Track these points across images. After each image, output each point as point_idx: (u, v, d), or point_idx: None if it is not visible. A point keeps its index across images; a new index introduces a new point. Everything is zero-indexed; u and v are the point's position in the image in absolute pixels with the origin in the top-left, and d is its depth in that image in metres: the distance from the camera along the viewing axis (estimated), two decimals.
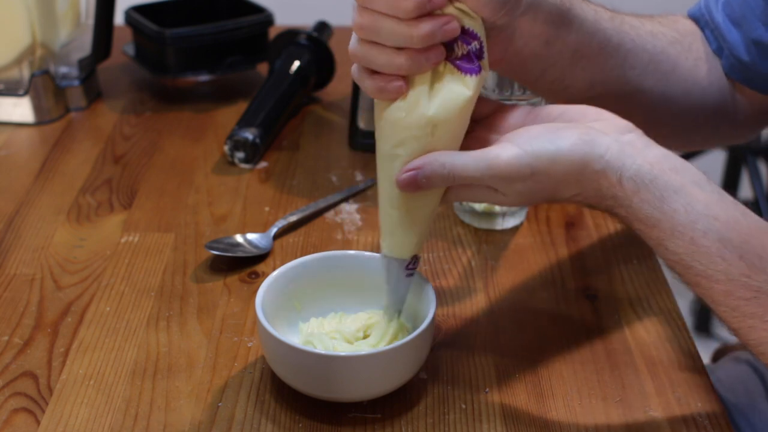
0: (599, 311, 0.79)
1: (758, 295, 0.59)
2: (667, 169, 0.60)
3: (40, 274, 0.83)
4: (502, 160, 0.59)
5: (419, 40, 0.58)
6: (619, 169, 0.59)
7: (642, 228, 0.61)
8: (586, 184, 0.60)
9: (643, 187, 0.59)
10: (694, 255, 0.59)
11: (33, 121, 1.10)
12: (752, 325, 0.60)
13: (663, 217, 0.59)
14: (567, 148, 0.59)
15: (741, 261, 0.59)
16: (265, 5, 1.20)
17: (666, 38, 0.76)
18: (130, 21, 1.16)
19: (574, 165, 0.59)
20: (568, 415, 0.68)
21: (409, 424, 0.67)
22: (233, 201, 0.94)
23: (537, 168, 0.59)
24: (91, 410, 0.68)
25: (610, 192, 0.60)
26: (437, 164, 0.60)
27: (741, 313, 0.60)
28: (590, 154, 0.59)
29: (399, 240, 0.65)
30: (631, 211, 0.60)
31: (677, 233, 0.59)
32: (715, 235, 0.59)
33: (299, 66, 1.11)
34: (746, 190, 1.99)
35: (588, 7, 0.68)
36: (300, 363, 0.66)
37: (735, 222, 0.60)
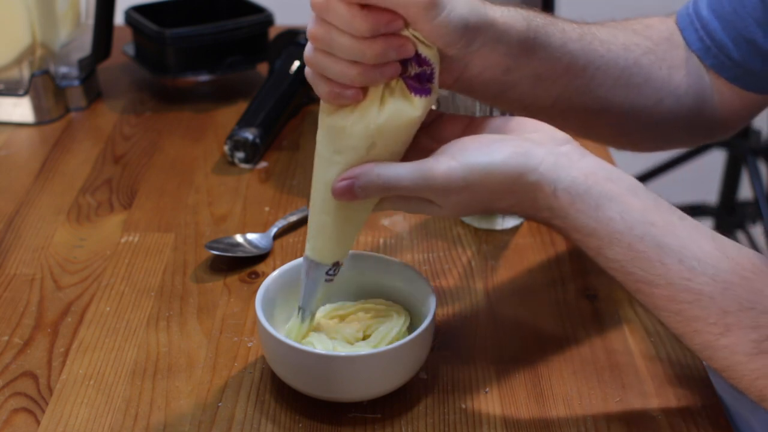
0: (599, 311, 0.79)
1: (700, 297, 0.59)
2: (601, 179, 0.60)
3: (40, 274, 0.83)
4: (436, 172, 0.59)
5: (372, 58, 0.58)
6: (554, 181, 0.60)
7: (580, 238, 0.61)
8: (521, 196, 0.61)
9: (577, 197, 0.60)
10: (633, 261, 0.60)
11: (33, 121, 1.10)
12: (696, 329, 0.60)
13: (599, 226, 0.60)
14: (501, 160, 0.59)
15: (680, 264, 0.59)
16: (265, 5, 1.20)
17: (639, 49, 0.75)
18: (130, 21, 1.16)
19: (508, 177, 0.60)
20: (568, 415, 0.68)
21: (409, 424, 0.67)
22: (233, 201, 0.94)
23: (471, 180, 0.59)
24: (91, 410, 0.68)
25: (545, 203, 0.60)
26: (373, 175, 0.60)
27: (684, 317, 0.60)
28: (525, 165, 0.60)
29: (325, 245, 0.65)
30: (567, 221, 0.61)
31: (615, 240, 0.60)
32: (652, 240, 0.59)
33: (299, 66, 1.11)
34: (746, 190, 1.99)
35: (555, 30, 0.67)
36: (300, 363, 0.66)
37: (672, 226, 0.60)
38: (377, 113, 0.60)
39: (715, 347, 0.60)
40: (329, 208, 0.63)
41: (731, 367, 0.60)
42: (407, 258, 0.86)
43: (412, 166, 0.60)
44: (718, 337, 0.59)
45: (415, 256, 0.86)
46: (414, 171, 0.60)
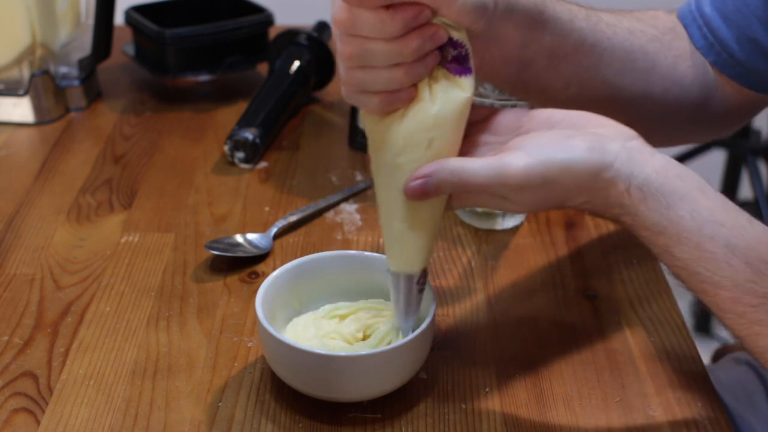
0: (599, 311, 0.79)
1: (765, 301, 0.58)
2: (672, 176, 0.60)
3: (40, 274, 0.83)
4: (513, 168, 0.58)
5: (411, 55, 0.58)
6: (628, 177, 0.59)
7: (648, 235, 0.61)
8: (594, 193, 0.60)
9: (649, 195, 0.59)
10: (699, 261, 0.59)
11: (33, 121, 1.10)
12: (759, 332, 0.59)
13: (669, 224, 0.59)
14: (579, 157, 0.59)
15: (747, 267, 0.59)
16: (265, 5, 1.20)
17: (645, 36, 0.75)
18: (130, 21, 1.16)
19: (585, 174, 0.59)
20: (568, 415, 0.68)
21: (409, 424, 0.67)
22: (233, 201, 0.94)
23: (549, 177, 0.59)
24: (91, 410, 0.68)
25: (617, 200, 0.60)
26: (446, 172, 0.59)
27: (747, 320, 0.59)
28: (601, 162, 0.59)
29: (408, 254, 0.64)
30: (637, 219, 0.60)
31: (683, 239, 0.59)
32: (721, 240, 0.59)
33: (299, 66, 1.11)
34: (746, 190, 1.99)
35: (562, 8, 0.68)
36: (300, 363, 0.66)
37: (741, 228, 0.59)
38: (431, 105, 0.60)
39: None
40: (404, 216, 0.62)
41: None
42: None
43: (487, 162, 0.59)
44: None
45: None
46: (489, 167, 0.59)
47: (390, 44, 0.58)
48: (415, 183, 0.60)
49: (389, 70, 0.59)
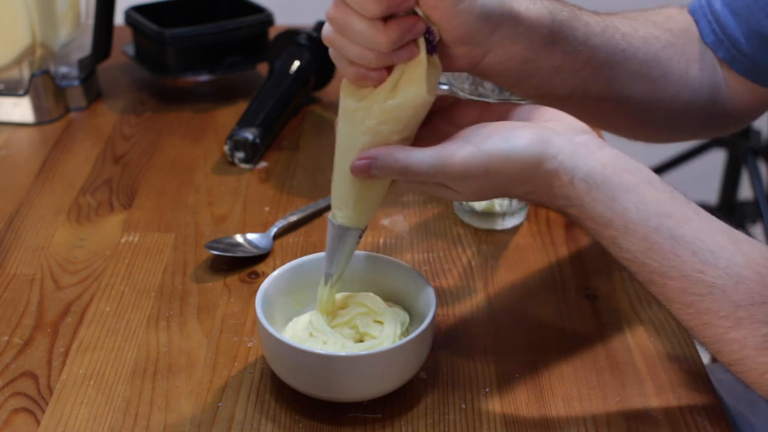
0: (599, 311, 0.79)
1: (713, 290, 0.59)
2: (619, 170, 0.60)
3: (40, 274, 0.83)
4: (455, 158, 0.59)
5: (387, 46, 0.58)
6: (572, 169, 0.60)
7: (595, 227, 0.61)
8: (538, 183, 0.61)
9: (594, 187, 0.60)
10: (647, 252, 0.60)
11: (33, 121, 1.10)
12: (707, 322, 0.60)
13: (615, 216, 0.60)
14: (521, 148, 0.59)
15: (694, 257, 0.59)
16: (265, 5, 1.20)
17: (659, 42, 0.75)
18: (130, 21, 1.16)
19: (527, 164, 0.60)
20: (568, 415, 0.68)
21: (409, 424, 0.67)
22: (233, 201, 0.94)
23: (490, 167, 0.60)
24: (91, 410, 0.68)
25: (562, 192, 0.61)
26: (391, 159, 0.60)
27: (696, 309, 0.60)
28: (544, 154, 0.60)
29: (355, 212, 0.66)
30: (583, 210, 0.61)
31: (630, 231, 0.60)
32: (667, 231, 0.59)
33: (299, 66, 1.11)
34: (746, 190, 1.99)
35: (579, 24, 0.67)
36: (300, 363, 0.66)
37: (687, 219, 0.60)
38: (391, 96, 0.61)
39: (725, 341, 0.60)
40: (356, 180, 0.64)
41: (740, 360, 0.60)
42: (407, 258, 0.86)
43: (432, 152, 0.60)
44: (728, 330, 0.59)
45: (415, 256, 0.86)
46: (433, 157, 0.60)
47: (369, 28, 0.58)
48: (360, 162, 0.61)
49: (362, 47, 0.59)
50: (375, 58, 0.59)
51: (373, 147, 0.62)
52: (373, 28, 0.58)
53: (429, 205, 0.94)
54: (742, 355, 0.60)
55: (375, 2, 0.56)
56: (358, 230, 0.67)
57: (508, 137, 0.60)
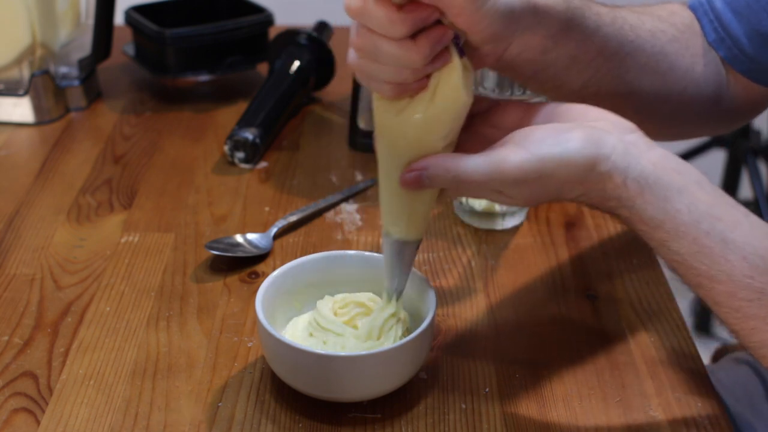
0: (599, 311, 0.79)
1: (761, 296, 0.59)
2: (670, 170, 0.60)
3: (40, 274, 0.83)
4: (509, 164, 0.58)
5: (421, 62, 0.57)
6: (625, 170, 0.59)
7: (645, 229, 0.61)
8: (590, 186, 0.60)
9: (647, 188, 0.59)
10: (697, 255, 0.59)
11: (33, 121, 1.10)
12: (754, 327, 0.59)
13: (666, 218, 0.59)
14: (574, 151, 0.59)
15: (744, 262, 0.59)
16: (265, 5, 1.20)
17: (665, 36, 0.75)
18: (130, 21, 1.16)
19: (581, 167, 0.59)
20: (568, 415, 0.68)
21: (409, 424, 0.67)
22: (233, 201, 0.94)
23: (545, 171, 0.59)
24: (91, 410, 0.68)
25: (614, 193, 0.60)
26: (442, 168, 0.60)
27: (743, 314, 0.59)
28: (597, 155, 0.59)
29: (411, 224, 0.65)
30: (634, 211, 0.60)
31: (680, 233, 0.59)
32: (718, 235, 0.59)
33: (299, 66, 1.11)
34: (746, 190, 1.99)
35: (590, 13, 0.68)
36: (300, 363, 0.66)
37: (738, 223, 0.60)
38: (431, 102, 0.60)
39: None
40: (405, 193, 0.63)
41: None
42: None
43: (483, 158, 0.59)
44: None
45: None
46: (485, 163, 0.59)
47: (399, 47, 0.57)
48: (409, 175, 0.61)
49: (397, 68, 0.58)
50: (411, 74, 0.58)
51: (419, 157, 0.61)
52: (404, 48, 0.57)
53: None
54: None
55: (401, 24, 0.56)
56: (415, 242, 0.67)
57: (560, 140, 0.59)
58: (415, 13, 0.56)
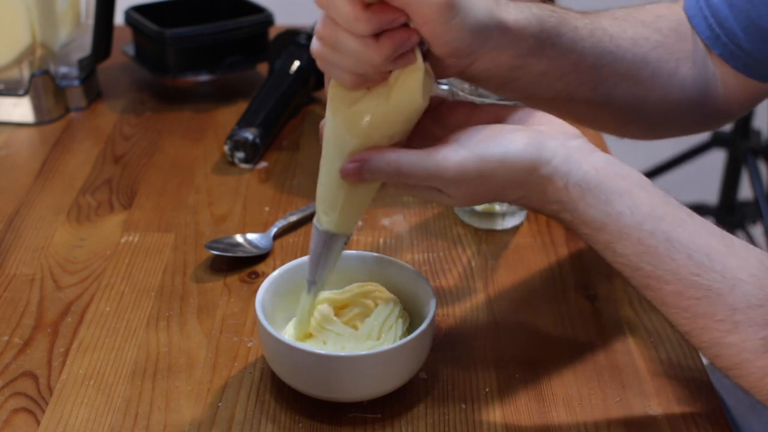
0: (599, 311, 0.79)
1: (709, 294, 0.59)
2: (612, 174, 0.60)
3: (40, 274, 0.83)
4: (449, 162, 0.59)
5: (381, 62, 0.57)
6: (566, 174, 0.59)
7: (588, 232, 0.61)
8: (531, 188, 0.60)
9: (588, 191, 0.59)
10: (642, 256, 0.60)
11: (33, 121, 1.10)
12: (704, 326, 0.59)
13: (609, 220, 0.60)
14: (516, 152, 0.59)
15: (689, 260, 0.59)
16: (265, 5, 1.20)
17: (648, 43, 0.75)
18: (130, 21, 1.16)
19: (521, 169, 0.59)
20: (568, 415, 0.68)
21: (409, 424, 0.67)
22: (233, 201, 0.94)
23: (484, 171, 0.59)
24: (91, 410, 0.68)
25: (555, 196, 0.60)
26: (383, 161, 0.60)
27: (692, 313, 0.59)
28: (538, 158, 0.59)
29: (343, 218, 0.65)
30: (576, 215, 0.60)
31: (624, 235, 0.59)
32: (662, 235, 0.59)
33: (299, 66, 1.11)
34: (746, 190, 1.99)
35: (567, 29, 0.66)
36: (300, 363, 0.66)
37: (681, 222, 0.60)
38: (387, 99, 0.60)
39: (722, 345, 0.59)
40: (344, 184, 0.63)
41: (738, 365, 0.60)
42: (407, 258, 0.86)
43: (425, 155, 0.59)
44: (726, 334, 0.59)
45: (415, 256, 0.86)
46: (427, 160, 0.59)
47: (360, 44, 0.56)
48: (351, 165, 0.60)
49: (357, 62, 0.58)
50: (371, 69, 0.58)
51: (363, 150, 0.61)
52: (365, 45, 0.56)
53: (429, 205, 0.94)
54: (740, 359, 0.59)
55: (365, 23, 0.55)
56: (344, 236, 0.66)
57: (503, 141, 0.59)
58: (381, 15, 0.55)
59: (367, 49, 0.56)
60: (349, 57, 0.58)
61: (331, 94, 0.62)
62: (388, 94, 0.59)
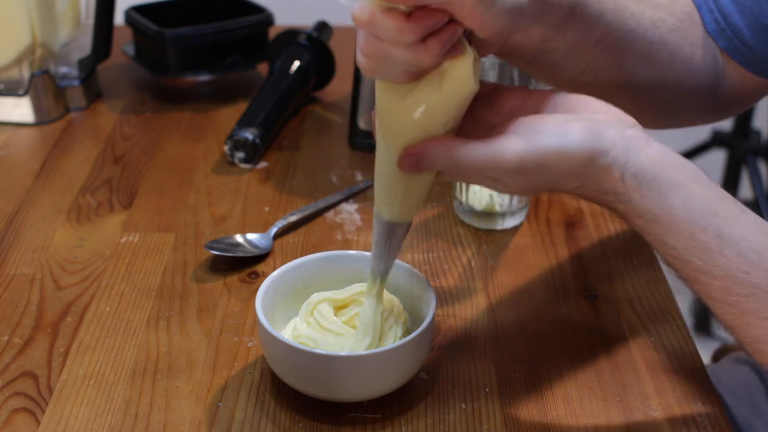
0: (599, 311, 0.79)
1: (756, 291, 0.59)
2: (668, 166, 0.60)
3: (40, 274, 0.83)
4: (508, 153, 0.58)
5: (431, 63, 0.57)
6: (623, 165, 0.59)
7: (641, 223, 0.61)
8: (588, 179, 0.60)
9: (644, 183, 0.59)
10: (692, 250, 0.59)
11: (33, 121, 1.10)
12: (749, 323, 0.59)
13: (662, 213, 0.59)
14: (575, 143, 0.58)
15: (740, 257, 0.59)
16: (265, 5, 1.20)
17: (665, 25, 0.75)
18: (130, 21, 1.16)
19: (580, 160, 0.59)
20: (568, 415, 0.68)
21: (409, 424, 0.67)
22: (233, 201, 0.94)
23: (543, 162, 0.59)
24: (91, 410, 0.68)
25: (611, 187, 0.60)
26: (442, 152, 0.59)
27: (738, 309, 0.59)
28: (597, 149, 0.59)
29: (404, 206, 0.65)
30: (630, 206, 0.60)
31: (676, 228, 0.59)
32: (714, 230, 0.59)
33: (299, 66, 1.11)
34: (746, 190, 1.99)
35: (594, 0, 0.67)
36: (300, 363, 0.66)
37: (734, 218, 0.60)
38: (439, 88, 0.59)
39: (766, 342, 0.59)
40: (403, 176, 0.62)
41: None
42: (407, 258, 0.86)
43: (483, 146, 0.59)
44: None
45: (415, 256, 0.86)
46: (485, 151, 0.59)
47: (409, 51, 0.56)
48: (409, 158, 0.60)
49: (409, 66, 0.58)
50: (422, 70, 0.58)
51: (419, 140, 0.60)
52: (414, 51, 0.56)
53: (429, 205, 0.94)
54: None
55: (410, 33, 0.55)
56: (406, 224, 0.66)
57: (561, 132, 0.59)
58: (425, 21, 0.55)
59: (416, 54, 0.56)
60: (399, 65, 0.58)
61: (380, 90, 0.61)
62: (440, 83, 0.59)
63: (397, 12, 0.54)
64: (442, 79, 0.59)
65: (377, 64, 0.58)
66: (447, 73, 0.59)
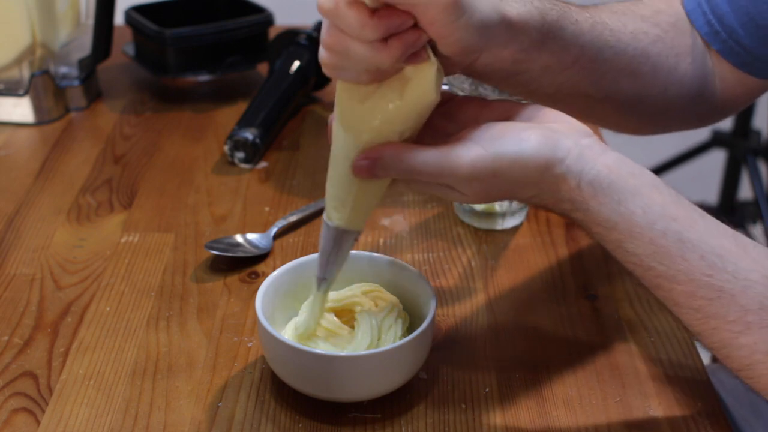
0: (599, 311, 0.79)
1: (721, 294, 0.58)
2: (624, 174, 0.60)
3: (40, 274, 0.83)
4: (463, 160, 0.58)
5: (391, 64, 0.57)
6: (579, 173, 0.59)
7: (600, 231, 0.61)
8: (544, 187, 0.60)
9: (600, 191, 0.59)
10: (654, 256, 0.59)
11: (33, 121, 1.10)
12: (715, 327, 0.59)
13: (621, 219, 0.59)
14: (530, 151, 0.59)
15: (702, 261, 0.59)
16: (265, 5, 1.20)
17: (648, 37, 0.75)
18: (130, 21, 1.16)
19: (535, 168, 0.59)
20: (568, 415, 0.68)
21: (409, 424, 0.67)
22: (233, 201, 0.94)
23: (498, 169, 0.59)
24: (91, 410, 0.68)
25: (568, 195, 0.60)
26: (397, 158, 0.59)
27: (704, 314, 0.59)
28: (552, 157, 0.59)
29: (353, 214, 0.64)
30: (588, 214, 0.60)
31: (636, 234, 0.59)
32: (674, 235, 0.59)
33: (299, 66, 1.11)
34: (746, 190, 1.99)
35: (568, 23, 0.66)
36: (300, 363, 0.66)
37: (693, 222, 0.60)
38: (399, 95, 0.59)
39: (734, 346, 0.59)
40: (355, 181, 0.62)
41: (750, 366, 0.59)
42: (407, 258, 0.86)
43: (438, 152, 0.59)
44: (737, 335, 0.59)
45: (415, 256, 0.86)
46: (440, 157, 0.59)
47: (369, 51, 0.56)
48: (363, 162, 0.60)
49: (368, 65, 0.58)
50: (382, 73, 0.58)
51: (374, 146, 0.60)
52: (375, 50, 0.56)
53: (429, 205, 0.94)
54: (752, 360, 0.59)
55: (372, 29, 0.55)
56: (355, 233, 0.65)
57: (517, 139, 0.59)
58: (388, 19, 0.55)
59: (376, 53, 0.56)
60: (359, 62, 0.57)
61: (341, 91, 0.61)
62: (402, 90, 0.59)
63: (362, 6, 0.54)
64: (404, 86, 0.59)
65: (338, 59, 0.58)
66: (409, 81, 0.59)
